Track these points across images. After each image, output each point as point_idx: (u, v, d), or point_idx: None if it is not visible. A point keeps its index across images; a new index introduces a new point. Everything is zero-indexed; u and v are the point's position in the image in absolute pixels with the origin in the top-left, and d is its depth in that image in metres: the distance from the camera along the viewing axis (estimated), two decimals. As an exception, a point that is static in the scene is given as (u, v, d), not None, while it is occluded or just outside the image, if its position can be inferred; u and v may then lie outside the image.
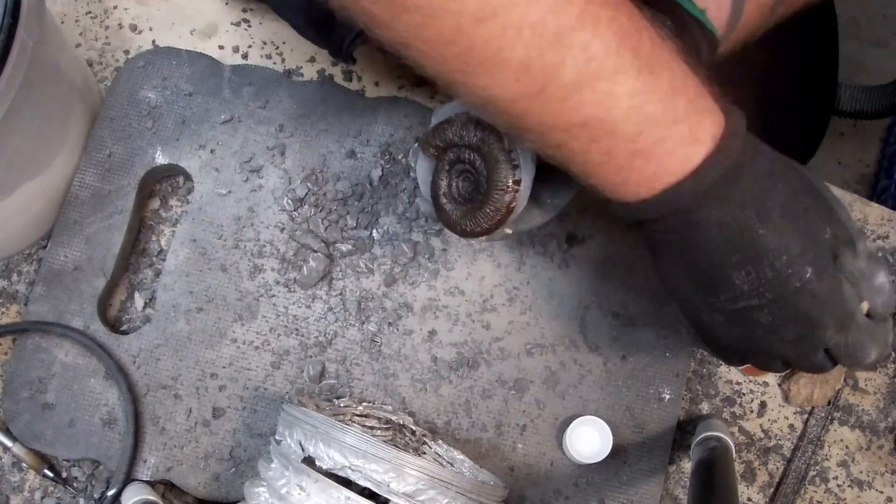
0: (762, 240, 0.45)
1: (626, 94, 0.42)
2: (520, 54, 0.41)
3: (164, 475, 0.66)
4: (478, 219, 0.55)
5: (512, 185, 0.54)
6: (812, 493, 0.70)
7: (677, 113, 0.44)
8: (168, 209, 0.71)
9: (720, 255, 0.46)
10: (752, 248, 0.46)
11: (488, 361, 0.68)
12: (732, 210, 0.45)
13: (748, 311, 0.47)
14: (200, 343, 0.67)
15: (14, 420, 0.65)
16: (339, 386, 0.67)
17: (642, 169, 0.45)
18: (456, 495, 0.54)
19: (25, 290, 0.69)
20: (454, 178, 0.57)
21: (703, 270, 0.47)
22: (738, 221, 0.45)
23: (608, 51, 0.41)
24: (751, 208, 0.45)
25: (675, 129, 0.44)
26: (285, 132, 0.70)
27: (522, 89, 0.42)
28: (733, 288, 0.47)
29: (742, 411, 0.70)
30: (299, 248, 0.69)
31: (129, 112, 0.70)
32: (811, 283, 0.46)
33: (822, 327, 0.47)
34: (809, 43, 0.66)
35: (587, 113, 0.43)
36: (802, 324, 0.47)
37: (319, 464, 0.54)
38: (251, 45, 0.73)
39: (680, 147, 0.44)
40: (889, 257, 0.73)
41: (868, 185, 1.44)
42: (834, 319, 0.47)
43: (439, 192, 0.57)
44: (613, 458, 0.66)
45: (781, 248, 0.45)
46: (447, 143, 0.56)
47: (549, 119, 0.43)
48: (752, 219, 0.45)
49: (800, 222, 0.46)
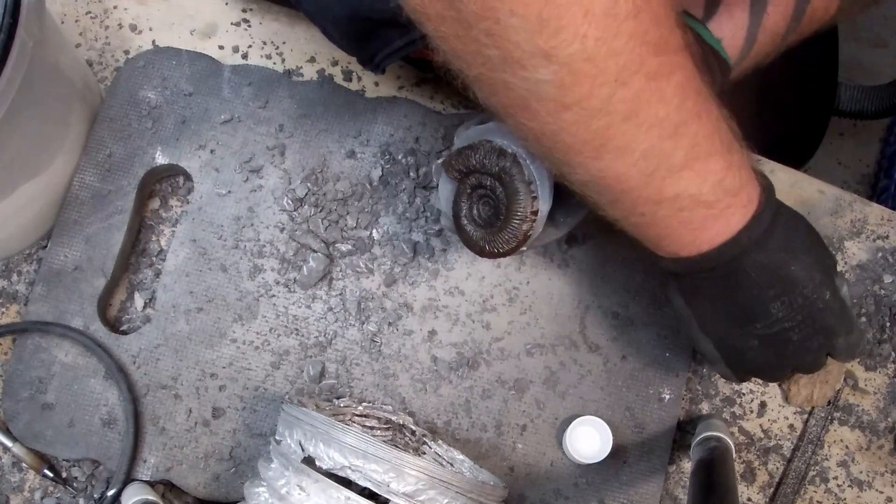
0: (794, 274, 0.54)
1: (715, 171, 0.50)
2: (645, 145, 0.47)
3: (164, 475, 0.66)
4: (496, 243, 0.58)
5: (530, 214, 0.57)
6: (812, 493, 0.70)
7: (742, 182, 0.51)
8: (168, 209, 0.71)
9: (760, 291, 0.54)
10: (786, 282, 0.54)
11: (488, 361, 0.68)
12: (771, 254, 0.53)
13: (781, 333, 0.55)
14: (200, 343, 0.67)
15: (14, 420, 0.65)
16: (339, 386, 0.67)
17: (712, 228, 0.52)
18: (456, 495, 0.54)
19: (25, 290, 0.69)
20: (475, 201, 0.59)
21: (743, 305, 0.55)
22: (775, 262, 0.53)
23: (706, 137, 0.49)
24: (783, 252, 0.53)
25: (740, 196, 0.51)
26: (285, 132, 0.70)
27: (637, 171, 0.48)
28: (770, 316, 0.55)
29: (742, 411, 0.70)
30: (299, 248, 0.69)
31: (129, 112, 0.70)
32: (830, 302, 0.55)
33: (837, 335, 0.56)
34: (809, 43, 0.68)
35: (683, 188, 0.49)
36: (824, 335, 0.56)
37: (319, 464, 0.54)
38: (251, 45, 0.73)
39: (740, 209, 0.52)
40: (889, 257, 0.73)
41: (868, 185, 1.44)
42: (845, 327, 0.56)
43: (460, 214, 0.59)
44: (613, 458, 0.66)
45: (808, 278, 0.54)
46: (469, 169, 0.58)
47: (649, 194, 0.50)
48: (786, 258, 0.53)
49: (814, 256, 0.55)
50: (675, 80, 0.46)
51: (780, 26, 0.64)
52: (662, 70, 0.45)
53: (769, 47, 0.65)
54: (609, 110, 0.45)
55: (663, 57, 0.45)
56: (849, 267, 0.72)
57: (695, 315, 0.58)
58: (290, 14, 0.74)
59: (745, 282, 0.54)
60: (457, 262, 0.69)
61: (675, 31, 0.46)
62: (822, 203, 0.73)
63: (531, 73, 0.43)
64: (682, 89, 0.47)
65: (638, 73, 0.44)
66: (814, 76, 0.98)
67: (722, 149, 0.50)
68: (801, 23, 0.64)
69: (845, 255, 0.73)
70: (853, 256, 0.73)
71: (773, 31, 0.64)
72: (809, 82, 0.98)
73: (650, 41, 0.44)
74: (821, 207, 0.73)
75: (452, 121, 0.70)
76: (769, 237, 0.53)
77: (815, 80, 0.98)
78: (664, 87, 0.46)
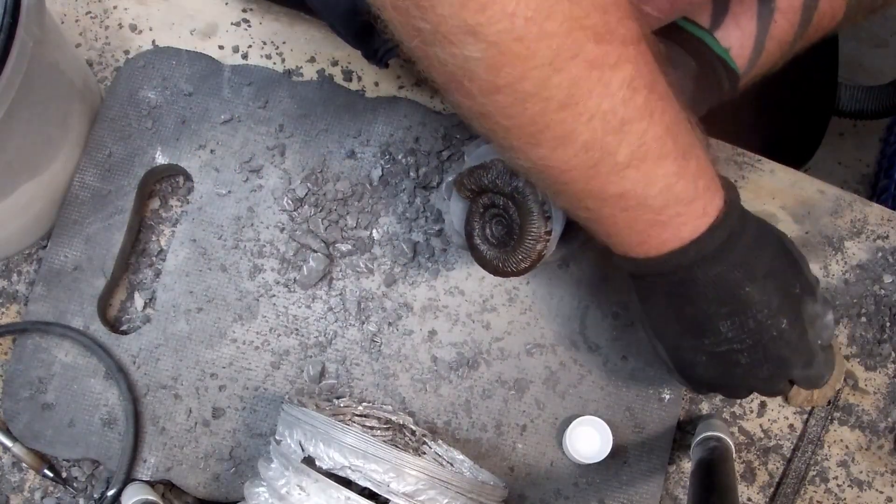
0: (748, 296, 0.52)
1: (664, 175, 0.48)
2: (586, 136, 0.45)
3: (164, 475, 0.66)
4: (510, 262, 0.58)
5: (544, 234, 0.57)
6: (812, 493, 0.70)
7: (697, 192, 0.49)
8: (168, 209, 0.71)
9: (710, 307, 0.52)
10: (739, 303, 0.52)
11: (488, 361, 0.68)
12: (726, 270, 0.51)
13: (729, 354, 0.54)
14: (200, 343, 0.67)
15: (14, 420, 0.65)
16: (339, 386, 0.67)
17: (659, 235, 0.50)
18: (456, 495, 0.54)
19: (25, 290, 0.69)
20: (487, 221, 0.60)
21: (692, 317, 0.53)
22: (730, 280, 0.51)
23: (657, 138, 0.47)
24: (741, 269, 0.52)
25: (693, 206, 0.50)
26: (285, 132, 0.70)
27: (578, 163, 0.47)
28: (718, 334, 0.53)
29: (742, 411, 0.70)
30: (299, 248, 0.69)
31: (129, 112, 0.70)
32: (786, 332, 0.53)
33: (791, 366, 0.55)
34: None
35: (627, 187, 0.48)
36: (776, 364, 0.54)
37: (319, 464, 0.54)
38: (251, 45, 0.73)
39: (694, 220, 0.50)
40: (889, 257, 0.73)
41: (868, 185, 1.44)
42: (802, 359, 0.55)
43: (473, 233, 0.60)
44: (613, 458, 0.66)
45: (764, 302, 0.52)
46: (482, 188, 0.58)
47: (591, 188, 0.48)
48: (741, 278, 0.52)
49: (778, 281, 0.53)
50: (623, 73, 0.44)
51: (787, 34, 0.63)
52: (606, 60, 0.43)
53: (777, 55, 0.64)
54: (544, 96, 0.43)
55: (607, 46, 0.43)
56: (849, 267, 0.72)
57: (648, 318, 0.57)
58: (290, 14, 0.74)
59: (695, 294, 0.52)
60: (457, 262, 0.69)
61: (627, 22, 0.44)
62: (822, 203, 0.73)
63: (460, 49, 0.42)
64: (631, 84, 0.45)
65: (575, 59, 0.42)
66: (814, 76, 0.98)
67: (675, 153, 0.48)
68: (808, 30, 0.64)
69: (845, 255, 0.73)
70: (853, 256, 0.73)
71: (781, 39, 0.63)
72: (809, 82, 0.98)
73: (589, 26, 0.42)
74: (821, 207, 0.73)
75: (452, 120, 0.70)
76: (726, 253, 0.51)
77: (815, 80, 0.98)
78: (609, 79, 0.44)
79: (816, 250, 0.72)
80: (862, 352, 0.71)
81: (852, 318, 0.72)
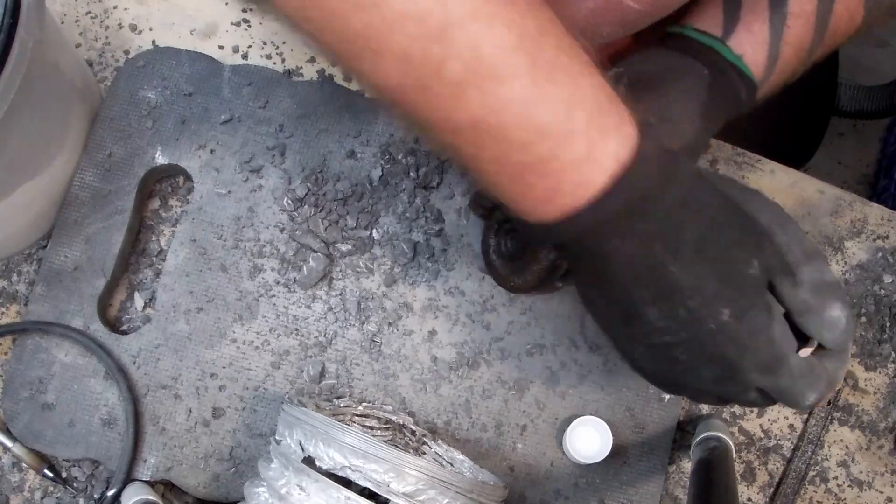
0: (673, 278, 0.42)
1: (516, 99, 0.39)
2: (401, 45, 0.38)
3: (164, 475, 0.66)
4: (525, 276, 0.57)
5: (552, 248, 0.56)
6: (812, 493, 0.70)
7: (573, 126, 0.40)
8: (168, 209, 0.71)
9: (631, 291, 0.43)
10: (663, 287, 0.43)
11: (488, 361, 0.68)
12: (639, 245, 0.42)
13: (664, 348, 0.45)
14: (200, 343, 0.67)
15: (14, 420, 0.65)
16: (339, 386, 0.67)
17: (536, 185, 0.41)
18: (456, 495, 0.54)
19: (25, 290, 0.69)
20: (502, 236, 0.59)
21: (616, 302, 0.45)
22: (647, 258, 0.42)
23: (501, 52, 0.39)
24: (660, 243, 0.42)
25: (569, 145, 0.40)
26: (285, 132, 0.70)
27: (406, 81, 0.40)
28: (648, 323, 0.44)
29: (742, 411, 0.70)
30: (299, 248, 0.69)
31: (129, 112, 0.70)
32: (728, 326, 0.43)
33: (743, 370, 0.44)
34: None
35: (473, 115, 0.40)
36: (721, 366, 0.44)
37: (319, 464, 0.54)
38: (251, 45, 0.73)
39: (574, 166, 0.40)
40: (889, 257, 0.73)
41: (868, 185, 1.44)
42: (757, 363, 0.44)
43: (489, 250, 0.59)
44: (613, 458, 0.66)
45: (694, 287, 0.42)
46: (494, 205, 0.58)
47: (436, 116, 0.41)
48: (663, 255, 0.42)
49: (717, 258, 0.43)
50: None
51: (803, 39, 0.60)
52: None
53: (795, 62, 0.61)
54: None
55: None
56: (849, 267, 0.72)
57: (584, 300, 0.48)
58: (290, 14, 0.74)
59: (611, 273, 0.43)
60: (457, 262, 0.69)
61: None
62: (822, 203, 0.73)
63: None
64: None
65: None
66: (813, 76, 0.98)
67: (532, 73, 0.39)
68: (825, 35, 0.61)
69: (845, 255, 0.73)
70: (853, 256, 0.73)
71: (798, 45, 0.60)
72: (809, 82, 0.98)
73: None
74: (821, 207, 0.73)
75: (452, 121, 0.70)
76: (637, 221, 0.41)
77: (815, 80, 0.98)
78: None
79: (816, 250, 0.72)
80: (862, 352, 0.71)
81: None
